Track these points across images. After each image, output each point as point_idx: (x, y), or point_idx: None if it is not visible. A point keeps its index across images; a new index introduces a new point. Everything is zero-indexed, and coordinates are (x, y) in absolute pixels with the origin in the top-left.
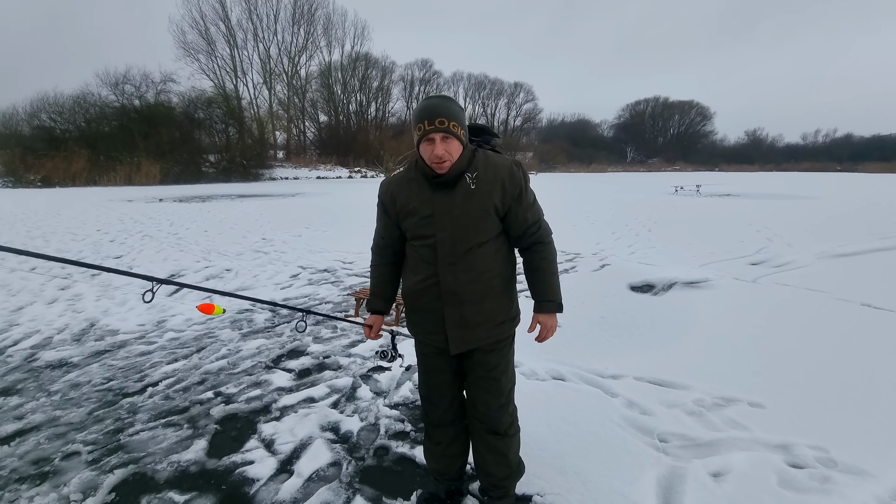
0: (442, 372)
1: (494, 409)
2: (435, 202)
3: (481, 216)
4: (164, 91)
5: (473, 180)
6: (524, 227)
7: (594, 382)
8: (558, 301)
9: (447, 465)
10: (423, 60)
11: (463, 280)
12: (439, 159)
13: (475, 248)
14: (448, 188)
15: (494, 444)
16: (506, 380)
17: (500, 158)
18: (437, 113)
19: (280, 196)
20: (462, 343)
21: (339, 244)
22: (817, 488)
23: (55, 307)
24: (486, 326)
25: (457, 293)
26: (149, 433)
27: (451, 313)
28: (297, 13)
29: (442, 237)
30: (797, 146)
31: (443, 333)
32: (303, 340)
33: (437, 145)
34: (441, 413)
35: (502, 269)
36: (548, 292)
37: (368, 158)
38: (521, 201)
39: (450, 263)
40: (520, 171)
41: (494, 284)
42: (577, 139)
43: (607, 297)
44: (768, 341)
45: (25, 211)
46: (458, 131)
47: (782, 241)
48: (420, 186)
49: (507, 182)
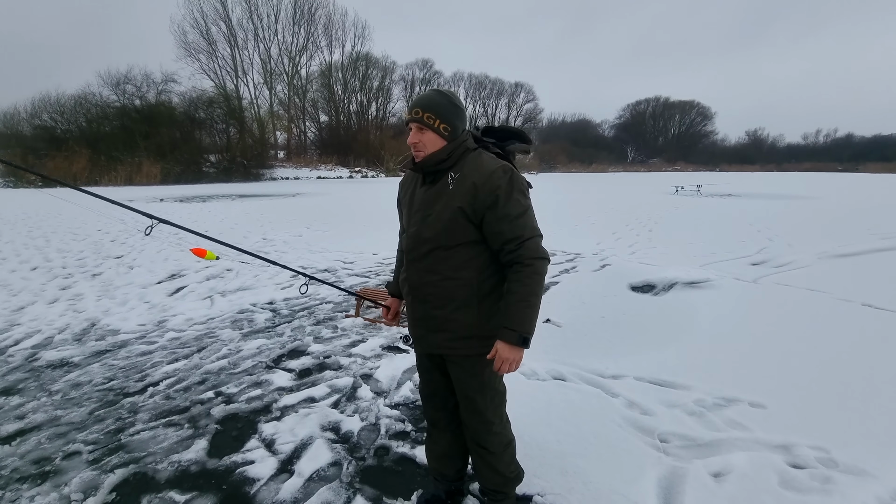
0: (428, 370)
1: (475, 428)
2: (415, 197)
3: (448, 218)
4: (164, 91)
5: (453, 180)
6: (499, 241)
7: (595, 382)
8: (521, 333)
9: (446, 466)
10: (423, 60)
11: (424, 280)
12: (413, 146)
13: (439, 250)
14: (431, 184)
15: (483, 457)
16: (482, 400)
17: (489, 161)
18: (415, 103)
19: (280, 196)
20: (424, 344)
21: (340, 244)
22: (818, 488)
23: (56, 307)
24: (448, 335)
25: (419, 291)
26: (149, 433)
27: (414, 310)
28: (298, 13)
29: (411, 232)
30: (798, 146)
31: (416, 329)
32: (303, 340)
33: (413, 133)
34: (434, 413)
35: (474, 279)
36: (510, 319)
37: (369, 158)
38: (495, 210)
39: (415, 260)
40: (504, 177)
41: (460, 294)
42: (577, 139)
43: (608, 297)
44: (769, 341)
45: (26, 211)
46: (435, 123)
47: (783, 241)
48: (415, 180)
49: (479, 186)
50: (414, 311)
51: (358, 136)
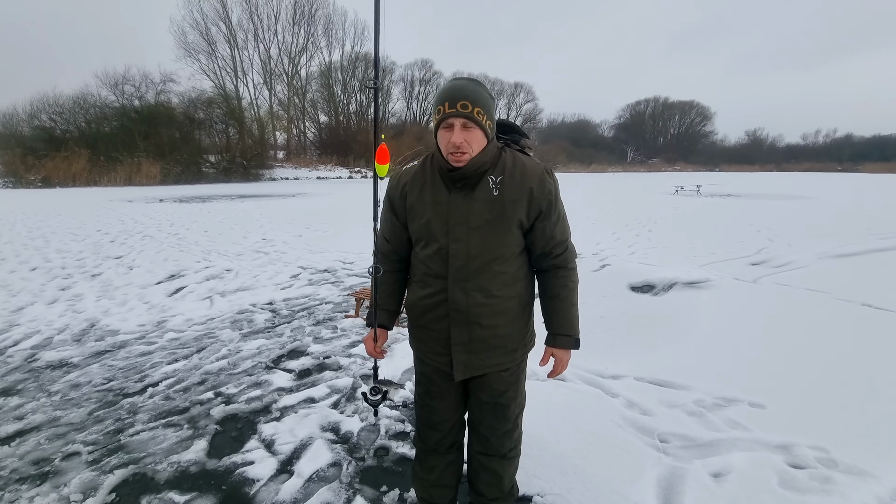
0: (445, 395)
1: (499, 433)
2: (451, 205)
3: (503, 230)
4: (164, 91)
5: (497, 185)
6: (549, 245)
7: (594, 382)
8: (576, 337)
9: (440, 496)
10: (423, 60)
11: (475, 300)
12: (456, 149)
13: (493, 265)
14: (467, 190)
15: (490, 465)
16: (515, 405)
17: (530, 162)
18: (461, 95)
19: (280, 196)
20: (468, 369)
21: (340, 244)
22: (818, 489)
23: (55, 307)
24: (496, 353)
25: (467, 314)
26: (149, 433)
27: (458, 335)
28: (298, 13)
29: (455, 249)
30: (797, 146)
31: (448, 356)
32: (303, 341)
33: (456, 132)
34: (440, 438)
35: (522, 292)
36: (565, 326)
37: (369, 158)
38: (549, 216)
39: (461, 279)
40: (552, 179)
41: (510, 308)
42: (577, 139)
43: (607, 298)
44: (769, 341)
45: (26, 211)
46: (484, 120)
47: (783, 241)
48: (435, 184)
49: (535, 192)
50: (458, 336)
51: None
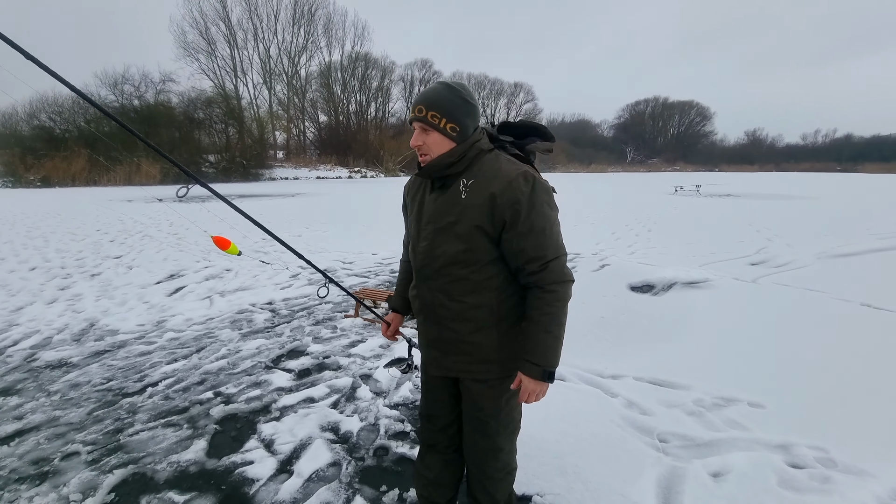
0: (435, 390)
1: (481, 450)
2: (425, 205)
3: (465, 234)
4: (163, 91)
5: (467, 188)
6: (519, 261)
7: (594, 382)
8: (545, 368)
9: (437, 495)
10: (422, 60)
11: (439, 301)
12: (417, 150)
13: (453, 268)
14: (441, 190)
15: (480, 480)
16: (496, 424)
17: (507, 166)
18: (420, 99)
19: (280, 196)
20: (438, 366)
21: (339, 244)
22: (817, 488)
23: (55, 307)
24: (464, 359)
25: (433, 312)
26: (148, 433)
27: (428, 331)
28: (298, 13)
29: (422, 248)
30: (797, 146)
31: (428, 349)
32: (302, 341)
33: (414, 135)
34: (436, 433)
35: (493, 300)
36: (533, 352)
37: (368, 158)
38: (515, 226)
39: (426, 278)
40: (526, 185)
41: (477, 317)
42: (576, 139)
43: (607, 297)
44: (768, 341)
45: (25, 211)
46: (441, 123)
47: (782, 241)
48: (425, 184)
49: (499, 198)
50: (427, 332)
51: (357, 137)
